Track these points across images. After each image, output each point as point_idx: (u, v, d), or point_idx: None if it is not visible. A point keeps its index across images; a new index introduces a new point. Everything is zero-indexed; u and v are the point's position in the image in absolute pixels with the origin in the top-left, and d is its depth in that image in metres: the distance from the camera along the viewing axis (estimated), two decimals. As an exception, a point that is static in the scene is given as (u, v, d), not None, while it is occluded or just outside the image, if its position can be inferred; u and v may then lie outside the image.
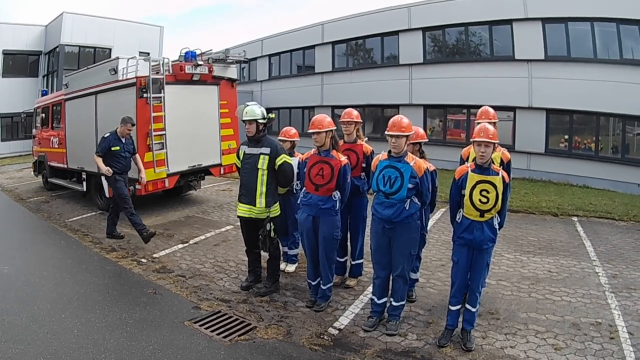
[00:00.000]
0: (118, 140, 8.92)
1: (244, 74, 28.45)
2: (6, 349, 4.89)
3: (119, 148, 8.90)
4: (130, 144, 9.23)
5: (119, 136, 8.95)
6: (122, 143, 8.96)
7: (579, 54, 15.60)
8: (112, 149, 8.82)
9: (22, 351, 4.86)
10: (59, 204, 13.01)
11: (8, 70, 28.19)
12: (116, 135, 8.93)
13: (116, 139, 8.90)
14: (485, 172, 4.84)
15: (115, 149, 8.86)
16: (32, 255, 8.34)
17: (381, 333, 5.29)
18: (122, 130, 8.96)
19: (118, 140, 8.92)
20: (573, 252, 8.18)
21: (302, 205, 5.93)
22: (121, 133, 8.96)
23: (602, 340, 5.08)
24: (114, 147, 8.83)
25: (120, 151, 8.93)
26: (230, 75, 11.81)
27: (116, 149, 8.86)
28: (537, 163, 16.44)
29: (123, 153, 8.99)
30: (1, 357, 4.74)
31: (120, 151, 8.93)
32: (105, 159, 8.82)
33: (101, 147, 8.84)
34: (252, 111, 6.11)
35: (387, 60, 21.48)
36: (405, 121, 5.11)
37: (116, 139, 8.90)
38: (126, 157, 9.08)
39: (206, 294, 6.44)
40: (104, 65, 11.24)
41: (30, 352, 4.83)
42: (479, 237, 4.88)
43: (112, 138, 8.88)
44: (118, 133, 8.95)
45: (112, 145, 8.82)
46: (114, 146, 8.84)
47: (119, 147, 8.91)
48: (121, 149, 8.94)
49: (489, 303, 5.97)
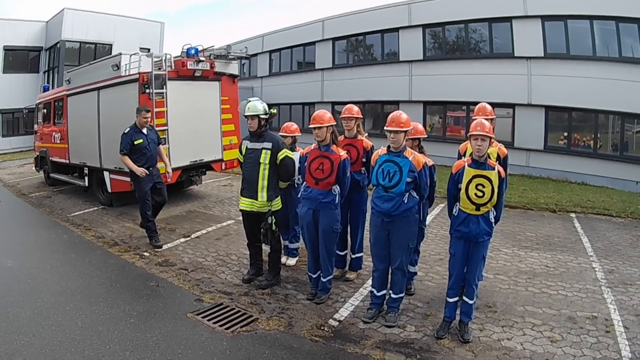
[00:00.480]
0: (139, 132, 8.36)
1: (244, 69, 28.48)
2: (11, 341, 4.96)
3: (142, 141, 8.30)
4: (154, 133, 8.76)
5: (139, 128, 8.39)
6: (143, 135, 8.38)
7: (578, 52, 15.63)
8: (135, 143, 8.23)
9: (28, 343, 4.93)
10: (61, 199, 13.09)
11: (9, 66, 28.18)
12: (136, 128, 8.37)
13: (137, 131, 8.34)
14: (481, 167, 4.93)
15: (139, 142, 8.26)
16: (35, 249, 8.41)
17: (380, 325, 5.38)
18: (139, 121, 8.39)
19: (139, 132, 8.36)
20: (570, 248, 8.25)
21: (302, 199, 6.03)
22: (139, 124, 8.39)
23: (598, 334, 5.15)
24: (137, 141, 8.24)
25: (143, 144, 8.32)
26: (232, 71, 11.89)
27: (139, 142, 8.27)
28: (535, 160, 16.51)
29: (147, 146, 8.39)
30: (7, 348, 4.81)
31: (143, 144, 8.32)
32: (130, 156, 8.23)
33: (124, 144, 8.21)
34: (254, 107, 6.17)
35: (387, 57, 21.51)
36: (404, 117, 5.21)
37: (137, 132, 8.34)
38: (151, 149, 8.48)
39: (208, 287, 6.52)
40: (106, 61, 11.32)
41: (35, 344, 4.90)
42: (474, 230, 4.97)
43: (132, 132, 8.30)
44: (137, 125, 8.40)
45: (135, 139, 8.24)
46: (137, 139, 8.25)
47: (142, 139, 8.31)
48: (144, 141, 8.34)
49: (487, 296, 6.05)
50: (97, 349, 4.83)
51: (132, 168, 8.16)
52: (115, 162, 10.74)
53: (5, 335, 5.08)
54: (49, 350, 4.78)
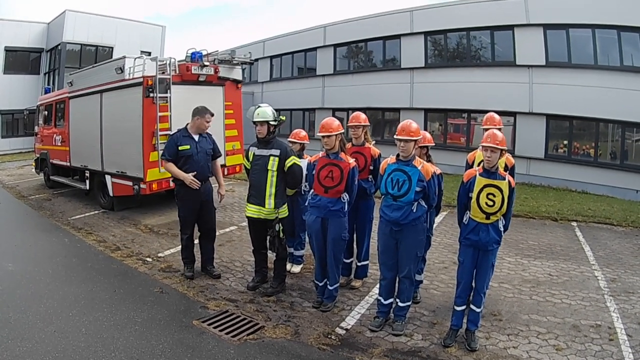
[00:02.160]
0: (188, 137, 6.98)
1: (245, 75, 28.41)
2: (13, 347, 4.90)
3: (188, 147, 6.90)
4: (209, 143, 7.25)
5: (189, 132, 7.03)
6: (193, 141, 6.98)
7: (579, 60, 15.68)
8: (180, 149, 6.86)
9: (30, 350, 4.87)
10: (61, 201, 13.06)
11: (9, 66, 28.16)
12: (186, 132, 7.03)
13: (185, 135, 6.98)
14: (492, 177, 4.95)
15: (184, 149, 6.87)
16: (37, 253, 8.37)
17: (387, 333, 5.37)
18: (198, 125, 7.06)
19: (188, 137, 6.98)
20: (572, 257, 8.26)
21: (310, 207, 5.99)
22: (196, 128, 7.07)
23: (602, 342, 5.17)
24: (182, 147, 6.86)
25: (190, 151, 6.90)
26: (236, 76, 11.87)
27: (185, 149, 6.87)
28: (536, 168, 16.50)
29: (196, 155, 6.94)
30: (8, 355, 4.76)
31: (190, 151, 6.90)
32: (176, 164, 6.91)
33: (167, 149, 6.97)
34: (263, 112, 6.11)
35: (388, 64, 21.53)
36: (414, 126, 5.21)
37: (185, 136, 6.98)
38: (200, 160, 6.98)
39: (213, 294, 6.49)
40: (110, 64, 11.29)
41: (38, 351, 4.84)
42: (484, 238, 4.99)
43: (179, 135, 7.00)
44: (188, 129, 7.07)
45: (180, 144, 6.88)
46: (182, 145, 6.88)
47: (189, 145, 6.91)
48: (192, 149, 6.92)
49: (492, 305, 6.04)
50: (102, 357, 4.77)
51: (178, 175, 6.84)
52: (118, 166, 10.76)
53: (7, 342, 5.02)
54: (52, 358, 4.72)
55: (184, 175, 6.79)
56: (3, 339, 5.08)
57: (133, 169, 10.34)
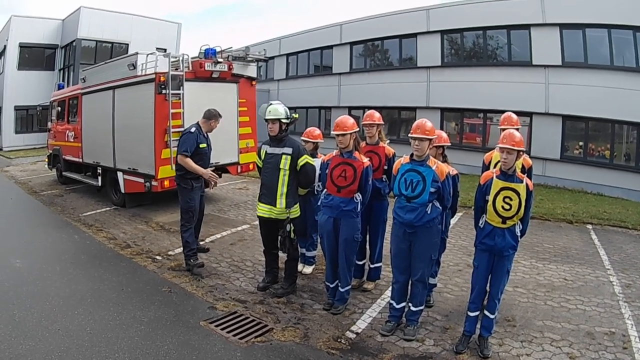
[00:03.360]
0: (203, 136, 7.47)
1: (261, 72, 28.42)
2: (16, 345, 4.85)
3: (206, 145, 7.44)
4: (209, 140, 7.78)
5: (203, 132, 7.51)
6: (206, 139, 7.53)
7: (595, 61, 15.47)
8: (200, 147, 7.31)
9: (33, 348, 4.82)
10: (73, 198, 13.07)
11: (24, 63, 28.42)
12: (201, 131, 7.46)
13: (201, 134, 7.43)
14: (509, 179, 4.80)
15: (203, 147, 7.38)
16: (45, 250, 8.35)
17: (399, 338, 5.26)
18: (209, 126, 7.57)
19: (203, 136, 7.47)
20: (588, 260, 8.13)
21: (323, 206, 5.88)
22: (208, 128, 7.58)
23: (616, 350, 5.07)
24: (202, 145, 7.34)
25: (206, 150, 7.48)
26: (250, 73, 11.78)
27: (204, 147, 7.39)
28: (552, 169, 16.30)
29: (209, 153, 7.62)
30: (11, 353, 4.71)
31: (206, 150, 7.48)
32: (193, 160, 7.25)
33: (188, 145, 7.20)
34: (275, 110, 6.04)
35: (405, 62, 21.40)
36: (429, 124, 5.08)
37: (201, 135, 7.43)
38: (209, 157, 7.71)
39: (222, 294, 6.41)
40: (122, 60, 11.26)
41: (40, 349, 4.79)
42: (500, 243, 4.84)
43: (196, 133, 7.34)
44: (203, 129, 7.52)
45: (200, 142, 7.32)
46: (202, 143, 7.35)
47: (206, 144, 7.47)
48: (207, 147, 7.52)
49: (506, 310, 5.92)
50: (106, 357, 4.72)
51: (197, 170, 7.21)
52: (130, 163, 10.73)
53: (10, 339, 4.98)
54: (55, 356, 4.67)
55: (203, 171, 7.28)
56: (6, 337, 5.03)
57: (145, 166, 10.29)
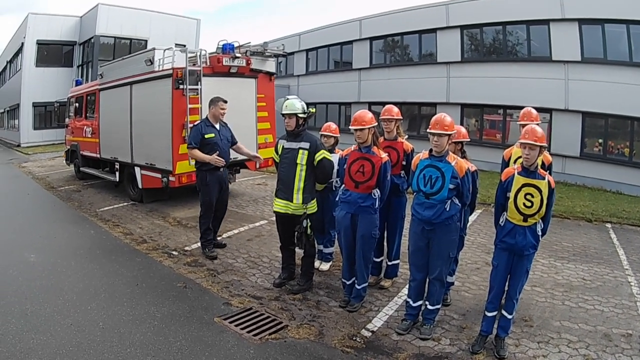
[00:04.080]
0: (211, 126, 7.65)
1: (280, 68, 28.40)
2: (27, 339, 4.85)
3: (213, 135, 7.57)
4: (228, 131, 7.98)
5: (211, 122, 7.68)
6: (216, 130, 7.66)
7: (614, 57, 15.23)
8: (206, 137, 7.50)
9: (44, 342, 4.81)
10: (90, 193, 13.16)
11: (42, 60, 28.72)
12: (208, 122, 7.67)
13: (208, 125, 7.63)
14: (531, 176, 4.69)
15: (210, 137, 7.54)
16: (61, 245, 8.37)
17: (414, 337, 5.18)
18: (214, 112, 7.68)
19: (211, 126, 7.65)
20: (606, 260, 7.99)
21: (340, 202, 5.80)
22: (213, 116, 7.69)
23: (632, 353, 4.95)
24: (207, 135, 7.52)
25: (215, 139, 7.58)
26: (269, 68, 11.71)
27: (211, 137, 7.54)
28: (571, 166, 16.05)
29: (220, 142, 7.65)
30: (22, 347, 4.71)
31: (215, 139, 7.58)
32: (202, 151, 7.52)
33: (192, 137, 7.58)
34: (292, 105, 5.98)
35: (424, 58, 21.27)
36: (448, 119, 4.98)
37: (208, 125, 7.63)
38: (223, 147, 7.70)
39: (237, 290, 6.37)
40: (139, 56, 11.27)
41: (52, 344, 4.78)
42: (521, 242, 4.73)
43: (202, 124, 7.64)
44: (210, 118, 7.71)
45: (205, 133, 7.52)
46: (207, 133, 7.54)
47: (214, 133, 7.59)
48: (217, 136, 7.62)
49: (523, 309, 5.81)
50: (117, 352, 4.69)
51: (203, 159, 7.47)
52: (147, 158, 10.74)
53: (21, 333, 4.98)
54: (66, 351, 4.66)
55: (209, 157, 7.44)
56: (18, 331, 5.04)
57: (162, 161, 10.29)
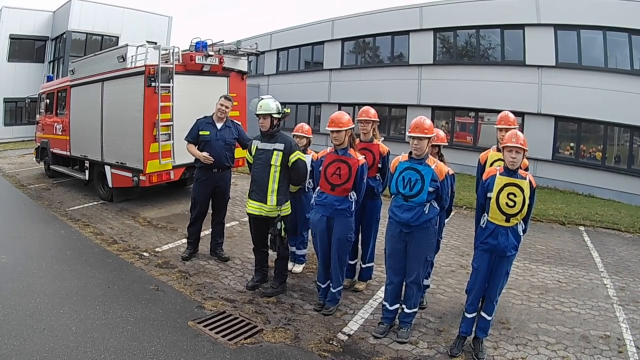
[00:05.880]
0: (210, 124, 7.36)
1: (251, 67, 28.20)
2: (1, 345, 4.70)
3: (208, 133, 7.27)
4: (233, 134, 7.55)
5: (213, 120, 7.41)
6: (215, 129, 7.34)
7: (589, 62, 15.52)
8: (200, 134, 7.28)
9: (18, 348, 4.67)
10: (60, 192, 12.85)
11: (14, 55, 28.19)
12: (210, 119, 7.41)
13: (209, 122, 7.37)
14: (513, 175, 4.74)
15: (204, 134, 7.27)
16: (31, 245, 8.14)
17: (392, 340, 5.16)
18: (216, 110, 7.46)
19: (210, 124, 7.36)
20: (581, 263, 8.10)
21: (316, 205, 5.74)
22: (215, 115, 7.46)
23: (611, 354, 5.04)
24: (202, 132, 7.27)
25: (208, 137, 7.28)
26: (241, 67, 11.60)
27: (204, 134, 7.27)
28: (544, 170, 16.25)
29: (214, 142, 7.29)
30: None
31: (208, 137, 7.28)
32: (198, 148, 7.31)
33: (190, 132, 7.40)
34: (267, 105, 5.89)
35: (396, 60, 21.37)
36: (428, 123, 4.96)
37: (208, 123, 7.37)
38: (217, 147, 7.30)
39: (210, 293, 6.26)
40: (112, 52, 11.06)
41: (25, 349, 4.64)
42: (503, 242, 4.75)
43: (203, 121, 7.39)
44: (213, 117, 7.44)
45: (201, 129, 7.29)
46: (203, 130, 7.29)
47: (209, 132, 7.29)
48: (211, 135, 7.29)
49: (500, 312, 5.82)
50: (92, 358, 4.56)
51: (195, 154, 7.29)
52: (117, 156, 10.55)
53: (-6, 338, 4.83)
54: (40, 357, 4.51)
55: (199, 154, 7.22)
56: (-10, 336, 4.88)
57: (133, 160, 10.12)
